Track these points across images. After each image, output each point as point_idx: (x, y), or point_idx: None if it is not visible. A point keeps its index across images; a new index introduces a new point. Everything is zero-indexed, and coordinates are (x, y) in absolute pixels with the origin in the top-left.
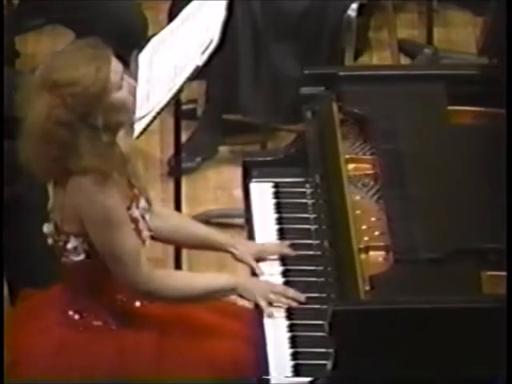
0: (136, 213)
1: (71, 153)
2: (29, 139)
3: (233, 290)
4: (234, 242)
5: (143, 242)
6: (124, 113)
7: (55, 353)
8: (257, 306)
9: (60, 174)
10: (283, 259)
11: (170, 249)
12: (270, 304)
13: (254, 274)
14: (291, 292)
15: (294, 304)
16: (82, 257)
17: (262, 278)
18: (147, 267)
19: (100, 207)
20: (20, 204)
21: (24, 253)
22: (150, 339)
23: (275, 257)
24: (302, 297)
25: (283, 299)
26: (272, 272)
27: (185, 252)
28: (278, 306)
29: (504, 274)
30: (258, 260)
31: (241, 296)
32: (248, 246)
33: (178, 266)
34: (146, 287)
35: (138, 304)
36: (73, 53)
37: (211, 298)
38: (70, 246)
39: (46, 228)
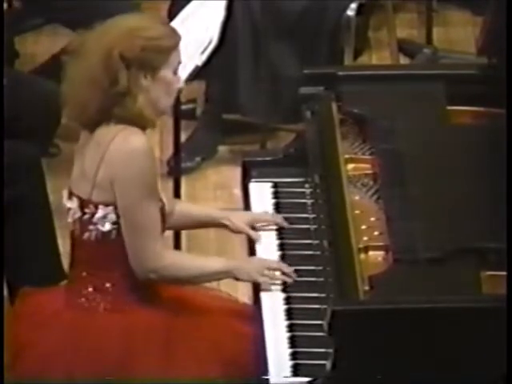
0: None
1: (122, 95)
2: (85, 70)
3: (228, 273)
4: (227, 214)
5: (164, 221)
6: (166, 98)
7: (62, 338)
8: (256, 299)
9: (105, 118)
10: (283, 258)
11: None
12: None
13: (251, 251)
14: (285, 267)
15: (289, 280)
16: (109, 227)
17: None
18: (162, 245)
19: (144, 166)
20: (20, 204)
21: (24, 252)
22: (160, 324)
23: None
24: (292, 273)
25: (278, 274)
26: None
27: (184, 234)
28: (274, 283)
29: (504, 273)
30: (252, 229)
31: (237, 279)
32: (240, 215)
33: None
34: (154, 264)
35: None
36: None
37: (207, 280)
38: (98, 215)
39: (70, 203)
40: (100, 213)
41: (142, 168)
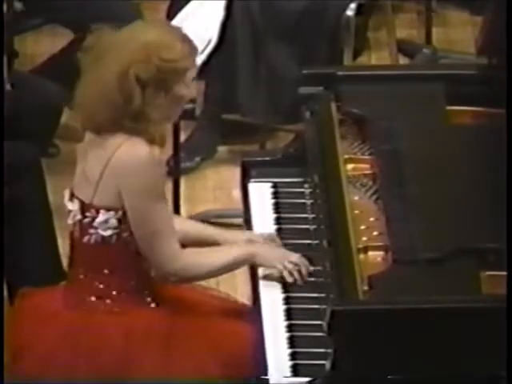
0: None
1: (135, 113)
2: (99, 84)
3: (248, 259)
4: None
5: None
6: (178, 109)
7: (61, 337)
8: (255, 299)
9: (114, 128)
10: None
11: None
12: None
13: None
14: (304, 265)
15: (301, 281)
16: (110, 232)
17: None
18: (178, 246)
19: (151, 175)
20: (20, 204)
21: (24, 253)
22: (159, 325)
23: None
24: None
25: (296, 273)
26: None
27: None
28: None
29: (503, 273)
30: None
31: (258, 264)
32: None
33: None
34: (173, 267)
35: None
36: (168, 27)
37: (231, 269)
38: (99, 220)
39: (71, 205)
40: (101, 217)
41: (150, 176)
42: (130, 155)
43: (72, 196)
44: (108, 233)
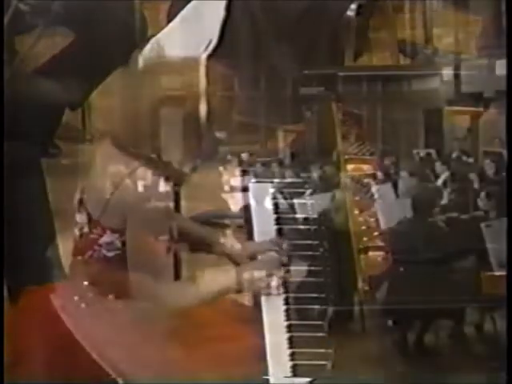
0: None
1: (157, 149)
2: (132, 107)
3: (235, 289)
4: (230, 245)
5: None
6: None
7: (61, 338)
8: (256, 300)
9: (136, 153)
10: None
11: None
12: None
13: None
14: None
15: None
16: (112, 253)
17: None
18: (165, 286)
19: (153, 209)
20: (20, 204)
21: (24, 253)
22: (159, 325)
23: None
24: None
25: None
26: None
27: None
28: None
29: (504, 274)
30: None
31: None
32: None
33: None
34: (161, 300)
35: None
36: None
37: (217, 298)
38: (104, 239)
39: (79, 217)
40: (106, 238)
41: (152, 209)
42: (139, 184)
43: (80, 205)
44: (111, 254)
